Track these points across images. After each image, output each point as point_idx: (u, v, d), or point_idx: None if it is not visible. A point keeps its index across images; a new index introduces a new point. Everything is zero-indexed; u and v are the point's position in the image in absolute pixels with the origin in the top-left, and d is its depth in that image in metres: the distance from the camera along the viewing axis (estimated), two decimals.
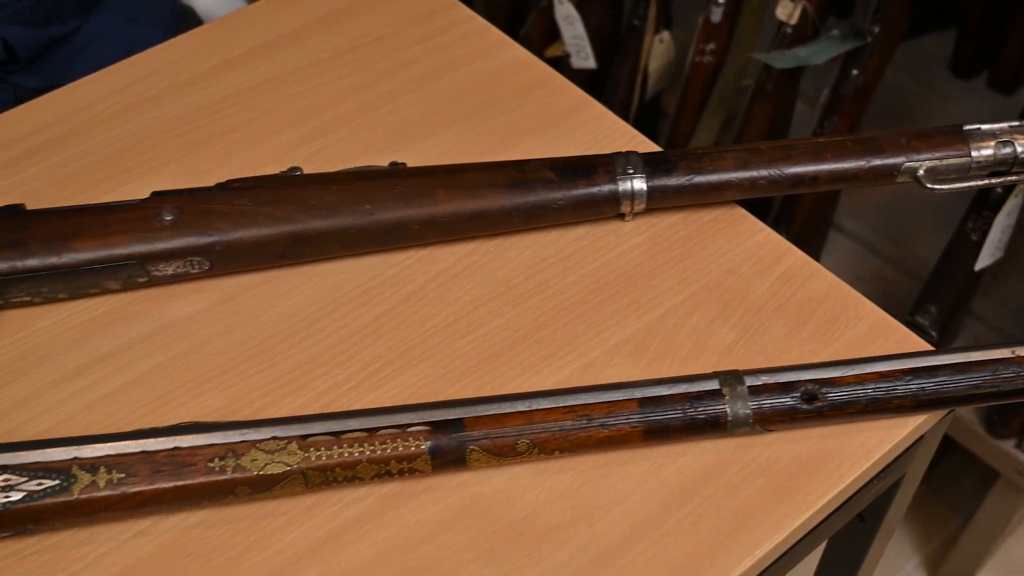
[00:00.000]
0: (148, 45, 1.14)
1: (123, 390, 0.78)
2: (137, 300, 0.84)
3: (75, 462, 0.68)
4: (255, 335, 0.81)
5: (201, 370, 0.79)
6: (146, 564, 0.69)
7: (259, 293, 0.84)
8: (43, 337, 0.82)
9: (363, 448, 0.69)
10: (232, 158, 0.94)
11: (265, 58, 1.03)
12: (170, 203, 0.82)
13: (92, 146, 0.96)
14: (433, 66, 1.02)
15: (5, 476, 0.68)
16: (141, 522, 0.71)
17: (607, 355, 0.78)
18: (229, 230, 0.81)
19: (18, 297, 0.82)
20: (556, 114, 0.97)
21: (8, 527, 0.68)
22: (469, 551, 0.68)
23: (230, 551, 0.69)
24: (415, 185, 0.83)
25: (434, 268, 0.85)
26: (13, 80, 1.24)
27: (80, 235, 0.81)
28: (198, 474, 0.68)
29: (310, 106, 0.98)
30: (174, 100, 1.00)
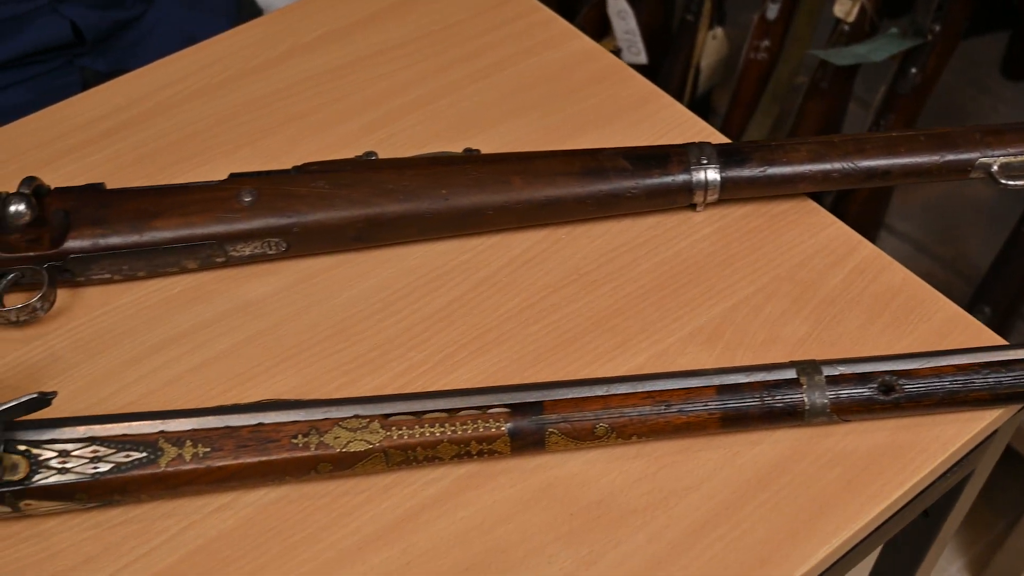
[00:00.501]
0: (210, 32, 1.16)
1: (201, 368, 0.79)
2: (214, 280, 0.85)
3: (162, 435, 0.69)
4: (330, 316, 0.82)
5: (278, 350, 0.80)
6: (227, 538, 0.70)
7: (334, 275, 0.85)
8: (122, 314, 0.83)
9: (444, 428, 0.70)
10: (303, 143, 0.95)
11: (333, 46, 1.04)
12: (249, 184, 0.83)
13: (166, 128, 0.97)
14: (500, 55, 1.02)
15: (94, 447, 0.69)
16: (222, 497, 0.72)
17: (681, 343, 0.79)
18: (307, 212, 0.82)
19: (99, 274, 0.83)
20: (624, 105, 0.98)
21: (96, 498, 0.69)
22: (547, 532, 0.69)
23: (310, 527, 0.70)
24: (490, 171, 0.84)
25: (507, 254, 0.85)
26: (80, 63, 1.26)
27: (161, 214, 0.82)
28: (282, 450, 0.69)
29: (379, 93, 0.99)
30: (245, 85, 1.01)
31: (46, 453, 0.68)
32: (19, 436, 0.69)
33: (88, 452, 0.69)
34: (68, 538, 0.70)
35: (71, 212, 0.82)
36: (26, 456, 0.68)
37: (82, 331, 0.82)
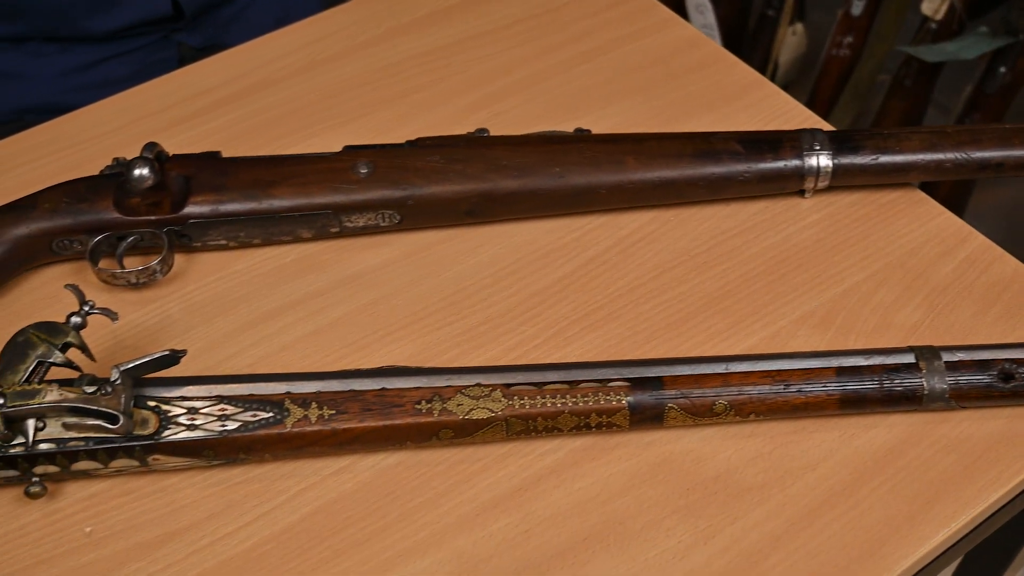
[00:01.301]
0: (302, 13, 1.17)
1: (316, 334, 0.80)
2: (326, 249, 0.86)
3: (288, 396, 0.71)
4: (442, 289, 0.83)
5: (391, 319, 0.81)
6: (347, 500, 0.71)
7: (444, 249, 0.86)
8: (237, 280, 0.84)
9: (565, 400, 0.70)
10: (412, 119, 0.96)
11: (435, 26, 1.05)
12: (365, 157, 0.84)
13: (274, 102, 0.99)
14: (605, 39, 1.03)
15: (222, 406, 0.70)
16: (340, 460, 0.73)
17: (793, 326, 0.79)
18: (422, 185, 0.83)
19: (215, 240, 0.84)
20: (727, 92, 0.98)
21: (222, 455, 0.70)
22: (664, 506, 0.70)
23: (428, 492, 0.71)
24: (604, 151, 0.84)
25: (616, 234, 0.86)
26: (176, 38, 1.27)
27: (279, 183, 0.83)
28: (405, 415, 0.70)
29: (485, 72, 1.00)
30: (353, 61, 1.02)
31: (175, 410, 0.70)
32: (149, 392, 0.70)
33: (216, 410, 0.70)
34: (190, 494, 0.72)
35: (191, 178, 0.83)
36: (156, 412, 0.70)
37: (197, 295, 0.84)
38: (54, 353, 0.69)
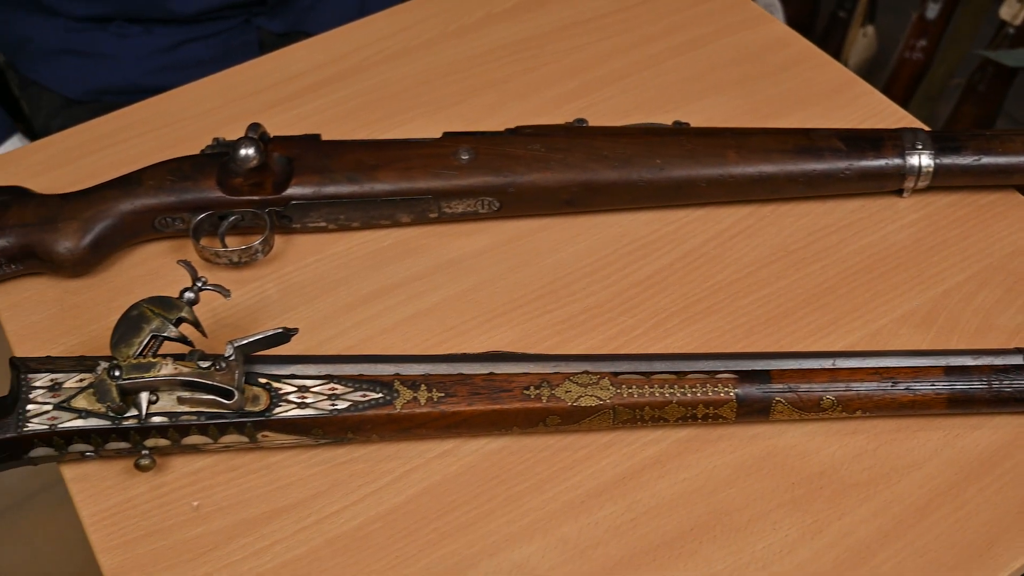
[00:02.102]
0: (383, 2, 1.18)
1: (416, 318, 0.81)
2: (424, 235, 0.86)
3: (397, 378, 0.71)
4: (540, 277, 0.83)
5: (490, 305, 0.81)
6: (452, 483, 0.71)
7: (542, 238, 0.86)
8: (335, 263, 0.85)
9: (672, 390, 0.70)
10: (505, 108, 0.97)
11: (528, 15, 1.06)
12: (466, 143, 0.84)
13: (368, 87, 0.99)
14: (696, 34, 1.03)
15: (332, 385, 0.70)
16: (444, 443, 0.73)
17: (894, 324, 0.79)
18: (523, 173, 0.83)
19: (315, 222, 0.85)
20: (820, 90, 0.98)
21: (331, 434, 0.71)
22: (770, 499, 0.70)
23: (533, 478, 0.71)
24: (705, 144, 0.84)
25: (713, 228, 0.86)
26: (258, 23, 1.28)
27: (382, 167, 0.83)
28: (514, 400, 0.70)
29: (578, 63, 1.00)
30: (444, 50, 1.03)
31: (286, 387, 0.70)
32: (259, 369, 0.71)
33: (326, 389, 0.70)
34: (296, 472, 0.72)
35: (294, 160, 0.84)
36: (267, 389, 0.70)
37: (296, 276, 0.84)
38: (168, 327, 0.70)
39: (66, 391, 0.69)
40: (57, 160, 0.94)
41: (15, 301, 0.83)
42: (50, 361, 0.71)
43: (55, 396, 0.69)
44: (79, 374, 0.70)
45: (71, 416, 0.69)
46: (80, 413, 0.69)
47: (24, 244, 0.81)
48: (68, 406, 0.69)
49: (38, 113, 1.28)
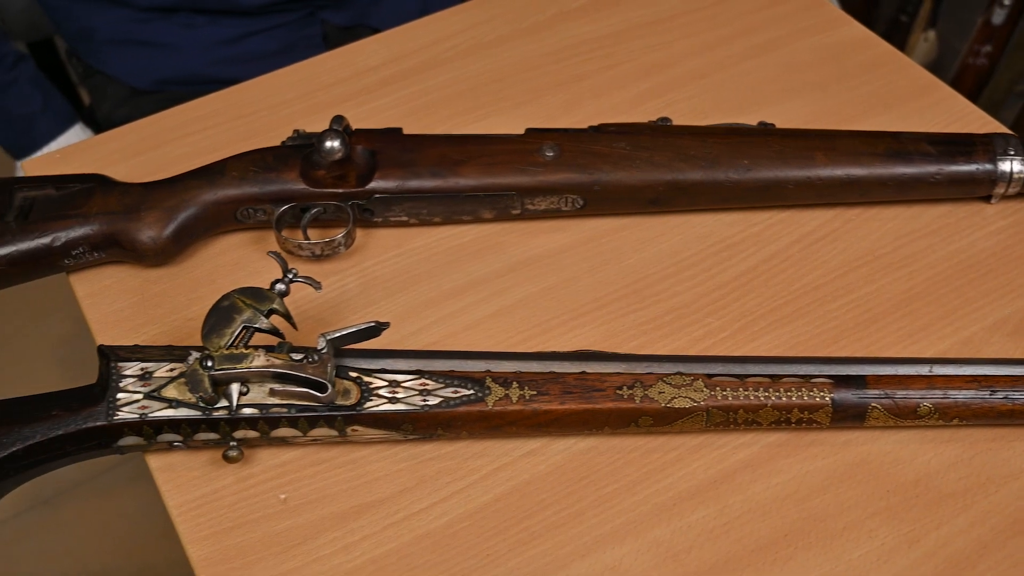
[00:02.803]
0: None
1: (499, 315, 0.80)
2: (504, 231, 0.86)
3: (489, 375, 0.70)
4: (624, 276, 0.82)
5: (574, 304, 0.81)
6: (541, 482, 0.71)
7: (623, 236, 0.85)
8: (416, 257, 0.84)
9: (767, 393, 0.70)
10: (581, 105, 0.96)
11: (605, 12, 1.05)
12: (550, 140, 0.84)
13: (442, 82, 0.99)
14: (774, 35, 1.02)
15: (423, 380, 0.70)
16: (532, 442, 0.73)
17: (986, 332, 0.78)
18: (608, 171, 0.83)
19: (397, 216, 0.84)
20: (901, 93, 0.97)
21: (421, 430, 0.70)
22: (864, 507, 0.69)
23: (622, 480, 0.71)
24: (793, 146, 0.83)
25: (797, 230, 0.85)
26: (322, 16, 1.28)
27: (465, 162, 0.83)
28: (606, 400, 0.69)
29: (654, 62, 1.00)
30: (517, 46, 1.02)
31: (376, 382, 0.70)
32: (349, 363, 0.70)
33: (417, 384, 0.70)
34: (382, 468, 0.72)
35: (377, 153, 0.83)
36: (357, 383, 0.70)
37: (377, 270, 0.84)
38: (259, 319, 0.70)
39: (156, 380, 0.69)
40: (133, 149, 0.94)
41: (96, 289, 0.83)
42: (139, 350, 0.71)
43: (145, 385, 0.69)
44: (169, 363, 0.70)
45: (161, 405, 0.69)
46: (171, 403, 0.69)
47: (108, 232, 0.80)
48: (158, 395, 0.69)
49: (102, 103, 1.28)
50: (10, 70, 1.24)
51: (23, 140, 1.26)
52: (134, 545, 1.67)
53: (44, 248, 0.80)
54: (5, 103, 1.24)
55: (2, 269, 0.80)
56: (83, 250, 0.81)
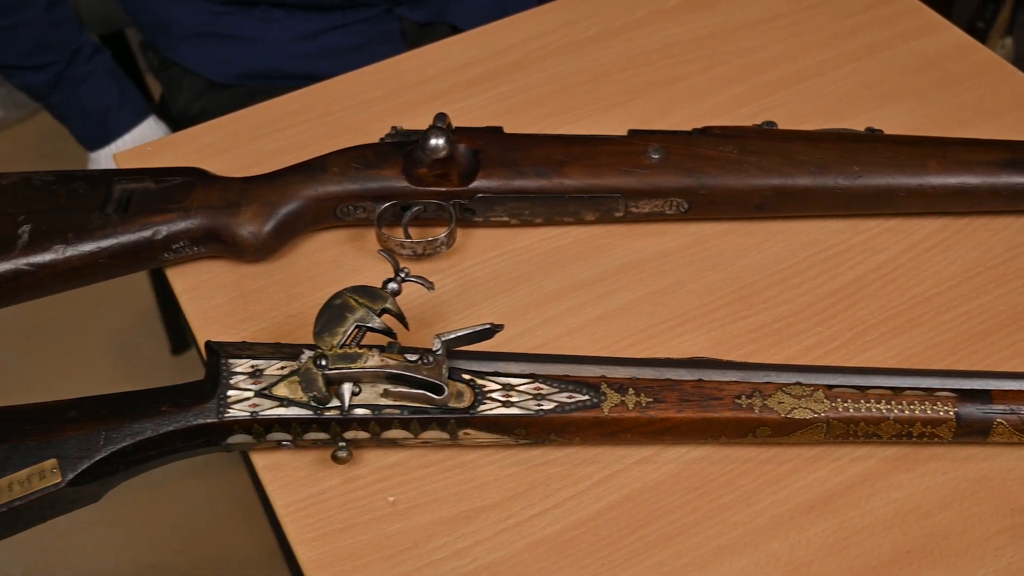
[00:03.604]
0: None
1: (604, 319, 0.79)
2: (605, 234, 0.84)
3: (604, 380, 0.69)
4: (730, 282, 0.81)
5: (680, 310, 0.79)
6: (654, 491, 0.69)
7: (728, 241, 0.83)
8: (517, 259, 0.83)
9: (889, 406, 0.68)
10: (678, 108, 0.94)
11: (698, 13, 1.03)
12: (656, 142, 0.82)
13: (534, 81, 0.98)
14: (871, 39, 1.00)
15: (537, 384, 0.69)
16: (643, 449, 0.71)
17: None
18: (716, 175, 0.81)
19: (498, 216, 0.83)
20: (1006, 102, 0.95)
21: (534, 435, 0.69)
22: (990, 525, 0.67)
23: (737, 490, 0.69)
24: (905, 153, 0.82)
25: (906, 239, 0.83)
26: (399, 12, 1.27)
27: (571, 163, 0.81)
28: (724, 409, 0.68)
29: (750, 65, 0.98)
30: (613, 45, 1.01)
31: (490, 385, 0.69)
32: (462, 365, 0.69)
33: (531, 389, 0.68)
34: (491, 472, 0.70)
35: (480, 152, 0.82)
36: (471, 386, 0.68)
37: (477, 271, 0.82)
38: (372, 318, 0.69)
39: (267, 378, 0.68)
40: (225, 144, 0.93)
41: (193, 284, 0.82)
42: (249, 347, 0.70)
43: (256, 383, 0.68)
44: (280, 361, 0.69)
45: (272, 404, 0.68)
46: (282, 401, 0.68)
47: (209, 227, 0.80)
48: (269, 393, 0.68)
49: (178, 95, 1.27)
50: (87, 62, 1.23)
51: (99, 132, 1.26)
52: (187, 539, 1.67)
53: (145, 241, 0.79)
54: (82, 95, 1.24)
55: (102, 262, 0.79)
56: (183, 244, 0.80)
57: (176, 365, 1.87)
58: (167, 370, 1.86)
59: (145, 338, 1.90)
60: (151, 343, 1.90)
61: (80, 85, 1.23)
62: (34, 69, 1.21)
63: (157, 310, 1.84)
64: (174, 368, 1.86)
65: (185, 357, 1.88)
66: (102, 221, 0.79)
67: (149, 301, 1.85)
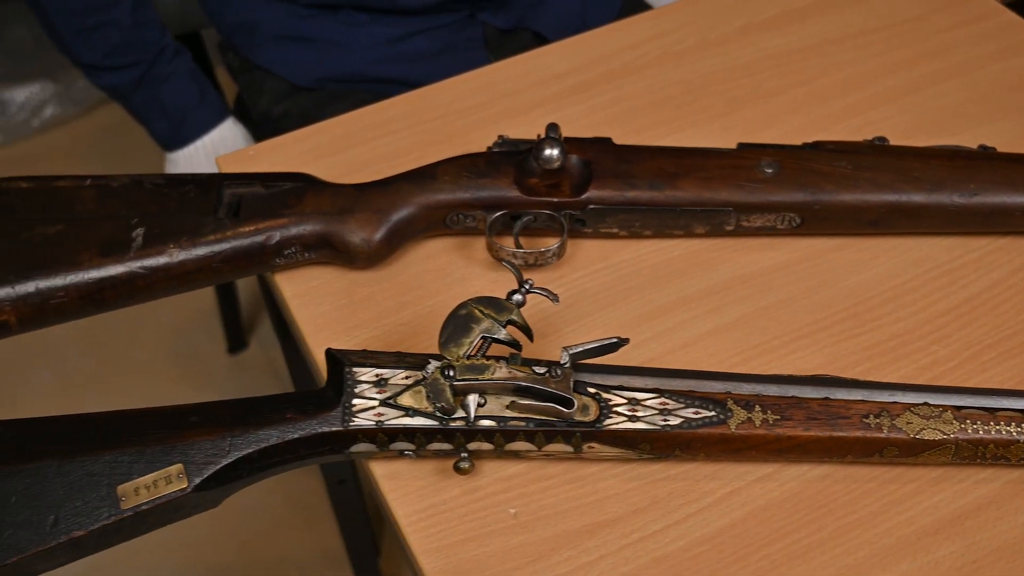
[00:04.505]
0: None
1: (716, 334, 0.78)
2: (713, 248, 0.84)
3: (730, 396, 0.69)
4: (842, 299, 0.80)
5: (792, 326, 0.79)
6: (777, 508, 0.69)
7: (839, 257, 0.83)
8: (625, 270, 0.83)
9: (1020, 428, 0.67)
10: (778, 121, 0.94)
11: (794, 26, 1.03)
12: (769, 156, 0.82)
13: (632, 92, 0.97)
14: (972, 55, 0.99)
15: (662, 399, 0.68)
16: (764, 466, 0.71)
17: None
18: (831, 191, 0.81)
19: (608, 228, 0.83)
20: None
21: (658, 450, 0.68)
22: None
23: (862, 510, 0.69)
24: (1021, 172, 0.81)
25: (1018, 258, 0.83)
26: (482, 18, 1.26)
27: (684, 176, 0.81)
28: (852, 428, 0.68)
29: (850, 79, 0.97)
30: (709, 57, 1.00)
31: (615, 399, 0.68)
32: (586, 378, 0.69)
33: (657, 403, 0.68)
34: (611, 486, 0.70)
35: (592, 163, 0.82)
36: (596, 399, 0.68)
37: (585, 282, 0.82)
38: (498, 329, 0.68)
39: (392, 387, 0.68)
40: (325, 149, 0.94)
41: (303, 290, 0.82)
42: (371, 355, 0.70)
43: (381, 392, 0.68)
44: (404, 371, 0.69)
45: (398, 413, 0.68)
46: (407, 411, 0.67)
47: (321, 233, 0.80)
48: (395, 403, 0.68)
49: (259, 98, 1.28)
50: (170, 62, 1.24)
51: (178, 133, 1.27)
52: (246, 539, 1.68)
53: (258, 246, 0.79)
54: (163, 95, 1.24)
55: (215, 266, 0.79)
56: (295, 250, 0.80)
57: (233, 364, 1.87)
58: (223, 369, 1.87)
59: (203, 337, 1.91)
60: (208, 342, 1.90)
61: (162, 86, 1.23)
62: (117, 69, 1.22)
63: (217, 309, 1.84)
64: (231, 367, 1.87)
65: (241, 357, 1.88)
66: (215, 225, 0.79)
67: (208, 300, 1.85)
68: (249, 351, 1.89)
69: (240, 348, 1.89)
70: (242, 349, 1.89)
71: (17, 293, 0.76)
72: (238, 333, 1.87)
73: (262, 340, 1.91)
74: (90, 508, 0.65)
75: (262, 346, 1.90)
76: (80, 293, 0.77)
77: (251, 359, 1.89)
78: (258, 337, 1.92)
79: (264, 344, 1.90)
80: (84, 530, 0.65)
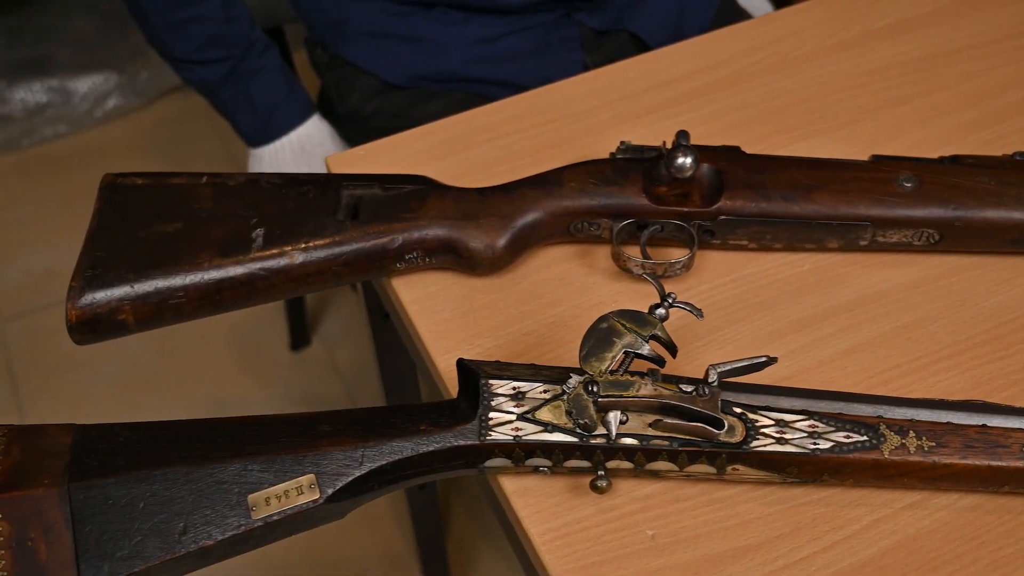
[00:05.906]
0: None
1: (852, 352, 0.76)
2: (844, 263, 0.81)
3: (881, 421, 0.66)
4: (984, 320, 0.77)
5: (932, 346, 0.76)
6: (927, 538, 0.66)
7: (978, 276, 0.80)
8: (754, 284, 0.80)
9: None
10: (905, 132, 0.91)
11: (915, 32, 1.00)
12: (907, 170, 0.79)
13: (749, 98, 0.95)
14: None
15: (812, 422, 0.66)
16: (911, 494, 0.68)
17: None
18: (973, 207, 0.78)
19: (738, 240, 0.80)
20: None
21: (806, 474, 0.66)
22: None
23: (1018, 543, 0.66)
24: None
25: None
26: (578, 18, 1.24)
27: (819, 188, 0.78)
28: (1012, 457, 0.65)
29: (975, 90, 0.94)
30: (827, 64, 0.97)
31: (762, 420, 0.66)
32: (732, 398, 0.66)
33: (806, 426, 0.65)
34: (752, 510, 0.68)
35: (723, 172, 0.79)
36: (742, 420, 0.66)
37: (714, 295, 0.80)
38: (641, 344, 0.66)
39: (529, 401, 0.66)
40: (440, 150, 0.91)
41: (422, 296, 0.80)
42: (506, 367, 0.68)
43: (519, 406, 0.66)
44: (542, 384, 0.66)
45: (536, 428, 0.65)
46: (546, 426, 0.65)
47: (444, 238, 0.77)
48: (533, 417, 0.65)
49: (349, 95, 1.25)
50: (259, 57, 1.22)
51: (265, 128, 1.25)
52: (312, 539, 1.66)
53: (379, 249, 0.77)
54: (252, 90, 1.22)
55: (336, 268, 0.77)
56: (417, 254, 0.78)
57: (295, 361, 1.86)
58: (285, 366, 1.85)
59: (266, 332, 1.89)
60: (271, 338, 1.89)
61: (251, 81, 1.22)
62: (207, 63, 1.20)
63: (283, 305, 1.83)
64: (293, 364, 1.85)
65: (303, 354, 1.87)
66: (336, 227, 0.77)
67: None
68: (311, 348, 1.88)
69: (303, 345, 1.87)
70: (305, 347, 1.88)
71: (136, 292, 0.74)
72: (302, 330, 1.85)
73: (324, 338, 1.89)
74: (220, 517, 0.63)
75: (324, 344, 1.88)
76: (200, 294, 0.75)
77: (313, 356, 1.87)
78: (320, 335, 1.90)
79: (327, 342, 1.89)
80: (214, 540, 0.63)
